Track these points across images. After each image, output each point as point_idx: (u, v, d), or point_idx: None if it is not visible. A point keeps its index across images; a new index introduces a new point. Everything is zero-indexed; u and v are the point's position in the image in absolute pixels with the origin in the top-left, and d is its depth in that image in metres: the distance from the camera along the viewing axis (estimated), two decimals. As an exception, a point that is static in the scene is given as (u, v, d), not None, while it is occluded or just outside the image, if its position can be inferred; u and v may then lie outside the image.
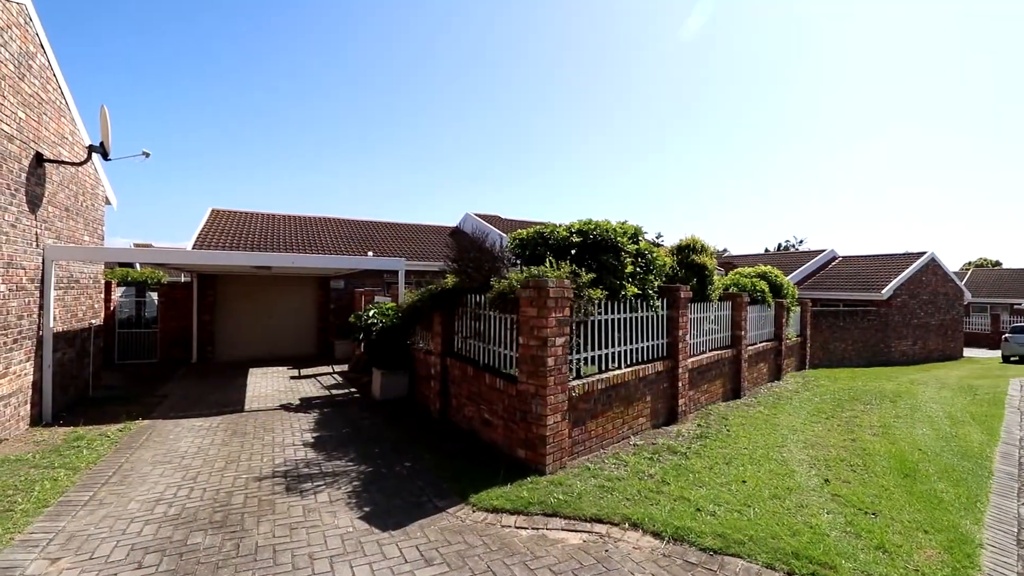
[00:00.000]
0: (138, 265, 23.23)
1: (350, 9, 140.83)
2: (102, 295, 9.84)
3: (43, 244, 7.01)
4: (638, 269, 6.53)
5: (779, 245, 62.72)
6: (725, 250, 45.90)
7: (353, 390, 9.78)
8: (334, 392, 9.59)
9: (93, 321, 9.15)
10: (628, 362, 6.61)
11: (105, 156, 7.15)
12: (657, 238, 8.04)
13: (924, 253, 21.17)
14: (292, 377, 11.30)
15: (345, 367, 12.71)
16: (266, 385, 10.21)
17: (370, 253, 15.02)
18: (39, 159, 6.79)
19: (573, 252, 6.02)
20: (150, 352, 13.54)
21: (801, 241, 61.01)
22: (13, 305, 6.26)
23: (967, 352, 24.47)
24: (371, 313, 8.70)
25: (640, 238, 6.77)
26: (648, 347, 7.08)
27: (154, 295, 17.05)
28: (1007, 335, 21.55)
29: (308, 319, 15.03)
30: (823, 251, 23.89)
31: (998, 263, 59.06)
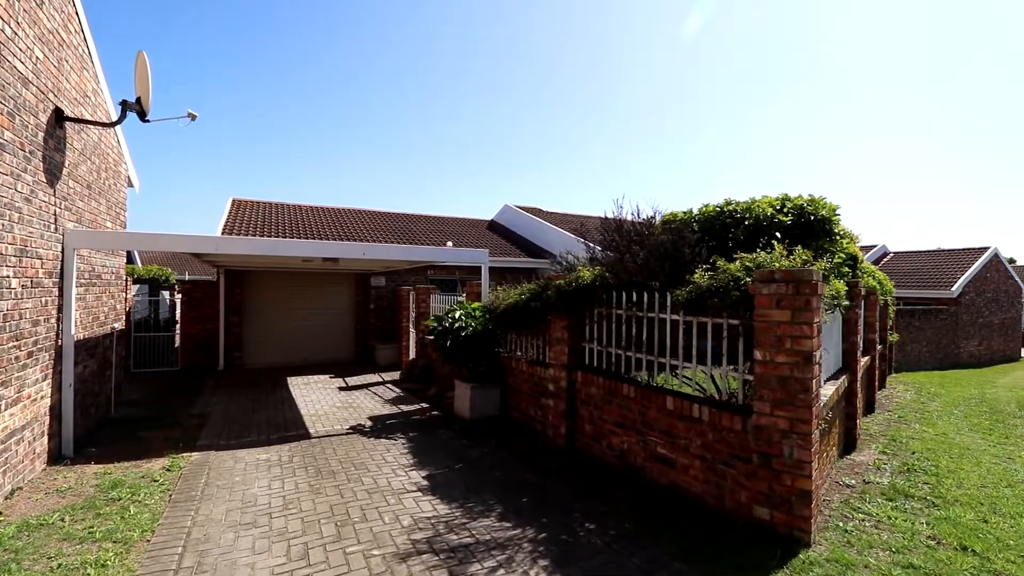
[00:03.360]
0: (138, 260, 21.58)
1: (342, 9, 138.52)
2: (124, 294, 8.26)
3: (63, 228, 5.44)
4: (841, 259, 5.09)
5: (791, 242, 61.47)
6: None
7: (424, 405, 8.26)
8: (404, 408, 8.06)
9: (115, 325, 7.57)
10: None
11: (143, 116, 5.58)
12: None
13: (988, 248, 19.92)
14: (341, 388, 9.75)
15: (396, 375, 11.18)
16: (317, 400, 8.66)
17: (449, 243, 13.54)
18: (59, 116, 5.22)
19: (778, 235, 4.54)
20: (168, 358, 11.93)
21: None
22: (28, 306, 4.70)
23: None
24: (458, 315, 7.19)
25: (834, 219, 5.33)
26: (834, 356, 5.65)
27: (166, 294, 15.46)
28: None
29: (344, 320, 13.45)
30: (874, 246, 22.56)
31: (1012, 260, 58.28)
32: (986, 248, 19.89)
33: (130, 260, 19.20)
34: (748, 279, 3.80)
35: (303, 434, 6.49)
